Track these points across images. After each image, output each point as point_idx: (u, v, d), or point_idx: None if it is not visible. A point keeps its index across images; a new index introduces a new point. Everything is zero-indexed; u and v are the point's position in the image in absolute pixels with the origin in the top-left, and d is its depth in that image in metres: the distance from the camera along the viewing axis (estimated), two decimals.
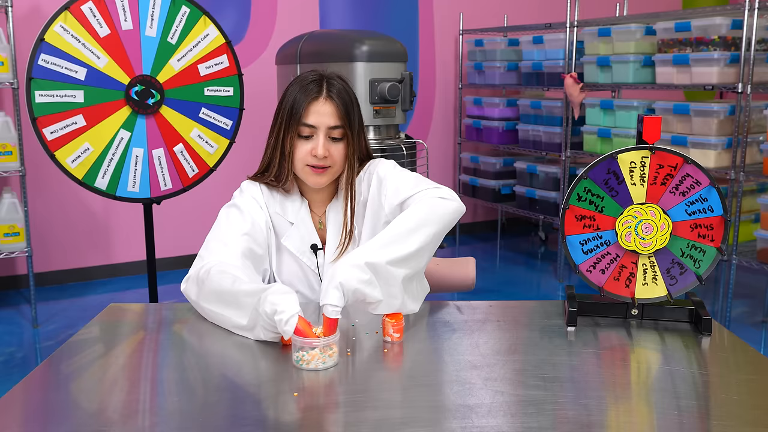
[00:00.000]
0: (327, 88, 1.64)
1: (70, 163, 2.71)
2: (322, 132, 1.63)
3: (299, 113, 1.63)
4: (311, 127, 1.63)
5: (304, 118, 1.63)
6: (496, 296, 4.18)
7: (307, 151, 1.64)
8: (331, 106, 1.63)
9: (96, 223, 4.47)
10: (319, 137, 1.63)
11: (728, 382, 1.26)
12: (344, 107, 1.64)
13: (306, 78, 1.67)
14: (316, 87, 1.64)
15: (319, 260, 1.73)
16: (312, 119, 1.63)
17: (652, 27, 4.08)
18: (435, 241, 1.53)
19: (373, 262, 1.40)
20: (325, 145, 1.63)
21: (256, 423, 1.11)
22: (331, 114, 1.63)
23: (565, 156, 4.55)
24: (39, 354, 3.38)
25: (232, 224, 1.67)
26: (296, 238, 1.72)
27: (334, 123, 1.63)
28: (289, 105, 1.64)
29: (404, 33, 5.19)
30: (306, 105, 1.63)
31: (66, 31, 2.65)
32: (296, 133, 1.64)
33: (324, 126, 1.63)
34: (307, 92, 1.64)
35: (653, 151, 1.46)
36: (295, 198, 1.74)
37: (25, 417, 1.15)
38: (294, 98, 1.64)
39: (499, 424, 1.09)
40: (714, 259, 1.51)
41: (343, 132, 1.65)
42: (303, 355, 1.27)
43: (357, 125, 1.69)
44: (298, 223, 1.72)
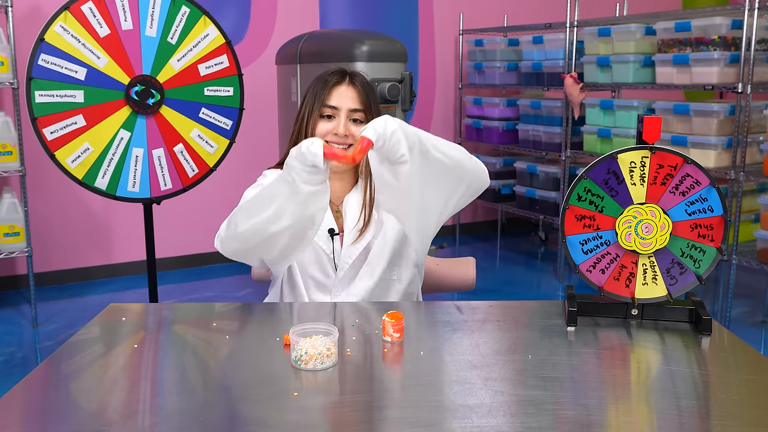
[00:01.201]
0: (351, 75, 1.75)
1: (70, 163, 2.72)
2: (343, 113, 1.71)
3: (323, 96, 1.72)
4: (333, 108, 1.71)
5: (327, 99, 1.72)
6: (496, 296, 4.18)
7: (328, 130, 1.71)
8: (354, 91, 1.73)
9: (96, 223, 4.47)
10: (341, 117, 1.71)
11: (728, 382, 1.26)
12: (366, 94, 1.73)
13: (330, 70, 1.77)
14: (340, 75, 1.74)
15: (335, 246, 1.74)
16: (334, 101, 1.71)
17: (652, 27, 4.08)
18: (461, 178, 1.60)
19: (421, 137, 1.49)
20: (347, 125, 1.71)
21: (256, 423, 1.11)
22: (353, 98, 1.72)
23: (565, 156, 4.55)
24: (39, 354, 3.38)
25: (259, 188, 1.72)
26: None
27: (355, 106, 1.72)
28: (312, 92, 1.74)
29: (404, 33, 5.19)
30: (331, 87, 1.72)
31: (66, 31, 2.65)
32: (319, 113, 1.72)
33: (346, 108, 1.71)
34: (331, 79, 1.73)
35: (653, 151, 1.46)
36: None
37: (25, 417, 1.15)
38: (318, 86, 1.74)
39: (499, 424, 1.09)
40: (714, 259, 1.51)
41: (364, 116, 1.72)
42: (302, 355, 1.27)
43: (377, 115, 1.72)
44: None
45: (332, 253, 1.74)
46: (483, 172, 1.67)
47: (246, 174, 4.84)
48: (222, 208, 4.71)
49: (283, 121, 4.00)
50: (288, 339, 1.37)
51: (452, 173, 1.59)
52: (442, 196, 1.61)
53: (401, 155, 1.45)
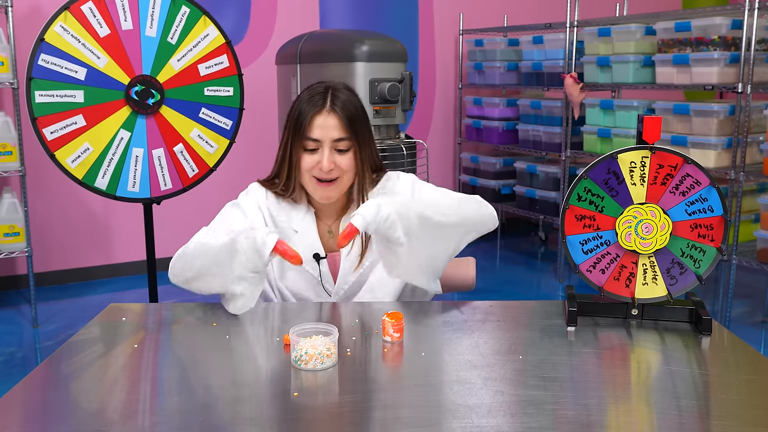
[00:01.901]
0: (331, 100, 1.64)
1: (70, 163, 2.72)
2: (327, 145, 1.64)
3: (303, 127, 1.64)
4: (316, 141, 1.64)
5: (308, 132, 1.63)
6: (496, 296, 4.18)
7: (313, 164, 1.65)
8: (335, 119, 1.63)
9: (96, 223, 4.47)
10: (325, 151, 1.63)
11: (728, 382, 1.26)
12: (348, 119, 1.64)
13: (312, 90, 1.68)
14: (320, 99, 1.64)
15: (322, 269, 1.72)
16: (316, 133, 1.63)
17: (652, 27, 4.08)
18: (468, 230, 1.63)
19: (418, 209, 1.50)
20: (330, 158, 1.63)
21: (256, 423, 1.11)
22: (335, 126, 1.63)
23: (565, 156, 4.55)
24: (39, 354, 3.38)
25: (228, 219, 1.70)
26: (300, 247, 1.69)
27: (338, 135, 1.64)
28: (294, 117, 1.66)
29: (404, 33, 5.19)
30: (310, 118, 1.63)
31: (66, 31, 2.65)
32: (302, 146, 1.65)
33: (329, 139, 1.63)
34: (312, 104, 1.64)
35: (653, 151, 1.46)
36: (302, 207, 1.74)
37: (25, 417, 1.15)
38: (299, 111, 1.66)
39: (499, 424, 1.09)
40: (714, 259, 1.51)
41: (349, 144, 1.65)
42: (302, 355, 1.27)
43: (365, 135, 1.69)
44: (302, 231, 1.72)
45: (320, 276, 1.72)
46: (490, 218, 1.69)
47: (246, 174, 4.84)
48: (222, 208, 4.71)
49: (283, 122, 4.00)
50: (288, 339, 1.37)
51: (459, 230, 1.61)
52: (450, 248, 1.62)
53: (397, 238, 1.48)
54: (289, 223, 1.73)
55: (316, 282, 1.72)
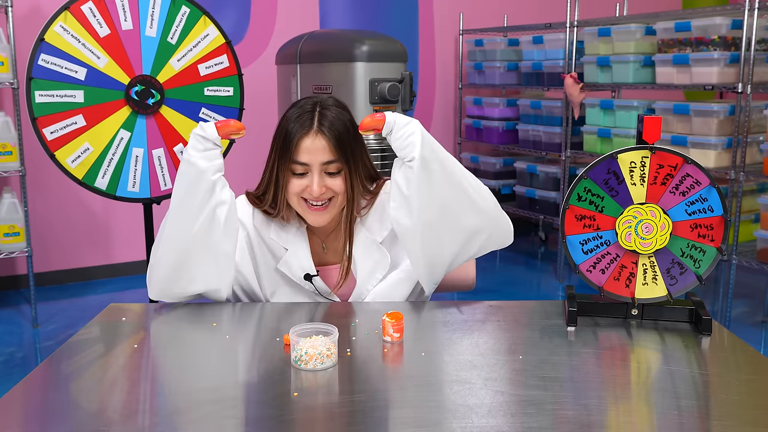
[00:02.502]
0: (319, 120, 1.56)
1: (70, 163, 2.72)
2: (316, 169, 1.56)
3: (291, 150, 1.56)
4: (304, 165, 1.57)
5: (295, 155, 1.56)
6: (496, 296, 4.18)
7: (302, 188, 1.58)
8: (323, 141, 1.55)
9: (96, 223, 4.47)
10: (314, 176, 1.57)
11: (728, 382, 1.26)
12: (337, 139, 1.56)
13: (301, 107, 1.60)
14: (308, 119, 1.57)
15: (317, 286, 1.68)
16: (304, 157, 1.56)
17: (652, 27, 4.09)
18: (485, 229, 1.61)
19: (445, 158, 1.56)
20: (321, 182, 1.57)
21: (256, 423, 1.11)
22: (323, 149, 1.55)
23: (565, 156, 4.55)
24: (39, 354, 3.38)
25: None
26: (292, 263, 1.66)
27: (327, 158, 1.56)
28: (281, 137, 1.58)
29: (404, 33, 5.19)
30: (297, 141, 1.55)
31: (66, 31, 2.65)
32: (290, 170, 1.58)
33: (317, 163, 1.56)
34: (299, 124, 1.56)
35: (653, 151, 1.46)
36: (292, 225, 1.68)
37: (25, 417, 1.15)
38: (286, 131, 1.58)
39: (499, 424, 1.09)
40: (714, 259, 1.51)
41: (339, 166, 1.58)
42: (302, 355, 1.27)
43: (355, 154, 1.61)
44: (293, 248, 1.67)
45: (317, 291, 1.68)
46: (507, 224, 1.65)
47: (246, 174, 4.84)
48: None
49: None
50: (288, 339, 1.37)
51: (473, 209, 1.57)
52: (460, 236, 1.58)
53: (411, 157, 1.49)
54: (279, 241, 1.67)
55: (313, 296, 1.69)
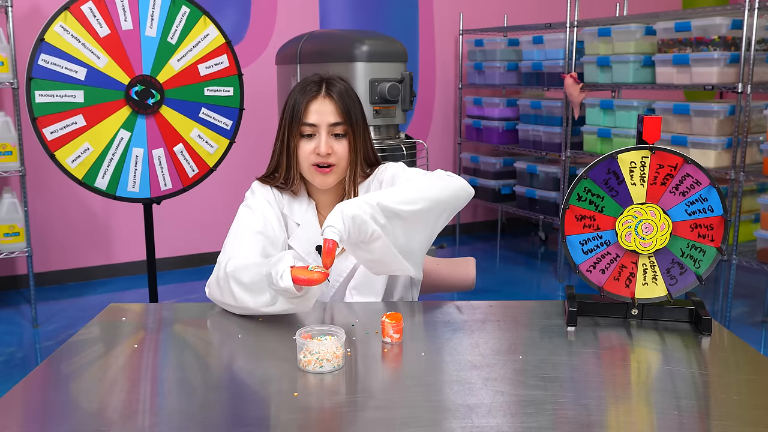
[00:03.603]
0: (327, 87, 1.67)
1: (70, 163, 2.72)
2: (323, 129, 1.65)
3: (300, 113, 1.65)
4: (312, 126, 1.65)
5: (305, 117, 1.65)
6: (496, 296, 4.18)
7: (310, 150, 1.66)
8: (331, 104, 1.65)
9: (96, 223, 4.47)
10: (321, 135, 1.65)
11: (728, 382, 1.26)
12: (344, 104, 1.66)
13: (306, 80, 1.69)
14: (315, 87, 1.67)
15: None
16: (312, 118, 1.65)
17: (652, 27, 4.08)
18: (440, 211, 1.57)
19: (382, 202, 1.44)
20: (328, 142, 1.65)
21: (256, 423, 1.11)
22: (331, 111, 1.65)
23: (565, 156, 4.55)
24: (39, 354, 3.38)
25: (246, 225, 1.68)
26: (302, 239, 1.72)
27: (334, 120, 1.65)
28: (290, 107, 1.67)
29: (404, 33, 5.19)
30: (306, 104, 1.65)
31: (66, 31, 2.65)
32: (299, 133, 1.66)
33: (325, 123, 1.65)
34: (307, 92, 1.66)
35: (653, 151, 1.46)
36: (303, 199, 1.75)
37: (25, 417, 1.15)
38: (295, 100, 1.67)
39: (499, 424, 1.09)
40: (714, 259, 1.51)
41: (345, 129, 1.66)
42: (309, 356, 1.27)
43: (360, 124, 1.69)
44: (304, 224, 1.73)
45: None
46: (463, 191, 1.61)
47: (246, 174, 4.84)
48: (222, 208, 4.72)
49: None
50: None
51: (432, 213, 1.55)
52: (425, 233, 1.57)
53: (372, 232, 1.43)
54: (292, 217, 1.74)
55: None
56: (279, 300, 1.43)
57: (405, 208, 1.48)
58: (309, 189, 1.77)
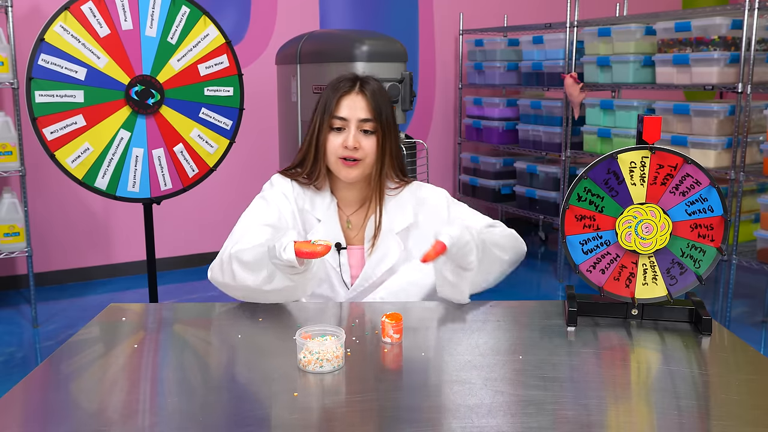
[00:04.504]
0: (360, 84, 1.70)
1: (70, 163, 2.72)
2: (353, 124, 1.68)
3: (331, 107, 1.68)
4: (343, 120, 1.68)
5: (336, 111, 1.68)
6: (496, 296, 4.16)
7: (339, 144, 1.68)
8: (363, 100, 1.69)
9: (96, 223, 4.47)
10: (351, 129, 1.68)
11: (728, 382, 1.26)
12: (375, 102, 1.69)
13: (341, 77, 1.73)
14: (349, 83, 1.70)
15: (341, 259, 1.74)
16: (343, 112, 1.68)
17: (652, 27, 4.08)
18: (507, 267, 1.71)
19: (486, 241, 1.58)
20: (356, 136, 1.68)
21: (256, 423, 1.11)
22: (362, 107, 1.68)
23: (565, 156, 4.55)
24: (39, 354, 3.38)
25: (258, 215, 1.70)
26: (322, 235, 1.74)
27: (365, 116, 1.68)
28: (323, 101, 1.71)
29: (404, 33, 5.19)
30: (338, 98, 1.69)
31: (66, 31, 2.65)
32: (329, 125, 1.69)
33: (355, 118, 1.68)
34: (340, 88, 1.70)
35: (653, 151, 1.46)
36: (326, 195, 1.76)
37: (25, 417, 1.15)
38: (328, 94, 1.70)
39: (499, 424, 1.09)
40: (714, 259, 1.51)
41: (375, 126, 1.69)
42: (309, 356, 1.27)
43: (390, 125, 1.72)
44: (325, 220, 1.75)
45: (339, 266, 1.74)
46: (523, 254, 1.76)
47: (246, 174, 4.85)
48: (222, 208, 4.72)
49: (283, 121, 4.00)
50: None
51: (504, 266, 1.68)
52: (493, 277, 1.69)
53: (470, 263, 1.52)
54: (313, 212, 1.75)
55: (334, 273, 1.73)
56: (277, 276, 1.48)
57: (498, 254, 1.62)
58: (332, 185, 1.78)
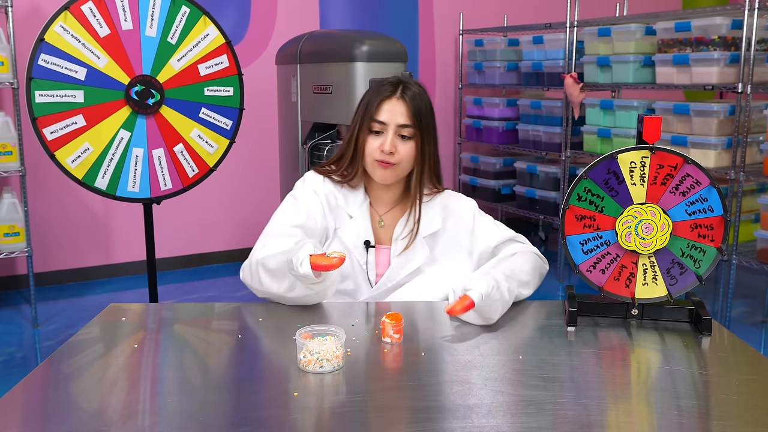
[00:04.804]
0: (402, 89, 1.72)
1: (70, 163, 2.72)
2: (391, 128, 1.69)
3: (372, 110, 1.70)
4: (382, 124, 1.70)
5: (376, 114, 1.70)
6: None
7: (376, 147, 1.70)
8: (403, 106, 1.70)
9: (96, 223, 4.47)
10: (389, 133, 1.69)
11: (728, 382, 1.26)
12: (416, 108, 1.70)
13: (384, 80, 1.75)
14: (391, 87, 1.72)
15: (369, 257, 1.75)
16: (383, 116, 1.70)
17: (652, 27, 4.08)
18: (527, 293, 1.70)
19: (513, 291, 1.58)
20: (393, 141, 1.69)
21: (256, 423, 1.11)
22: (402, 113, 1.70)
23: (565, 156, 4.55)
24: (39, 354, 3.38)
25: (287, 215, 1.73)
26: (352, 232, 1.75)
27: (404, 121, 1.70)
28: (365, 103, 1.73)
29: (404, 33, 5.19)
30: (380, 102, 1.70)
31: (66, 31, 2.65)
32: (368, 128, 1.71)
33: (394, 123, 1.69)
34: (382, 92, 1.71)
35: (653, 151, 1.46)
36: (359, 193, 1.78)
37: (25, 417, 1.15)
38: (370, 97, 1.73)
39: (499, 424, 1.09)
40: (714, 259, 1.51)
41: (413, 132, 1.70)
42: (309, 356, 1.27)
43: (430, 130, 1.74)
44: (357, 217, 1.76)
45: (365, 264, 1.75)
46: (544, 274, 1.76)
47: (246, 174, 4.85)
48: (222, 208, 4.72)
49: (283, 121, 4.00)
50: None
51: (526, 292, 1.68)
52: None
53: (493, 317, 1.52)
54: (347, 208, 1.77)
55: (360, 270, 1.74)
56: (297, 286, 1.52)
57: (524, 293, 1.64)
58: (367, 185, 1.80)
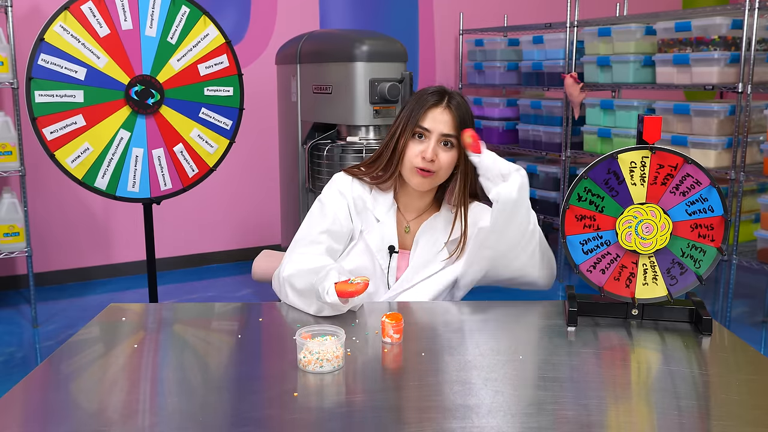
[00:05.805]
0: (449, 99, 1.73)
1: (70, 163, 2.72)
2: (434, 137, 1.70)
3: (417, 116, 1.71)
4: (426, 131, 1.70)
5: (421, 121, 1.71)
6: (496, 296, 4.16)
7: (417, 153, 1.70)
8: (449, 116, 1.71)
9: (96, 223, 4.47)
10: (431, 141, 1.70)
11: (728, 382, 1.26)
12: (460, 119, 1.72)
13: (427, 89, 1.76)
14: (437, 96, 1.73)
15: (392, 262, 1.75)
16: (428, 123, 1.70)
17: (652, 27, 4.08)
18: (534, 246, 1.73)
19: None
20: (435, 149, 1.70)
21: (256, 423, 1.11)
22: (446, 122, 1.71)
23: (565, 156, 4.55)
24: (39, 354, 3.38)
25: (314, 223, 1.74)
26: (378, 236, 1.76)
27: (447, 131, 1.70)
28: (409, 109, 1.73)
29: (404, 33, 5.19)
30: (426, 109, 1.71)
31: (66, 31, 2.65)
32: (411, 133, 1.71)
33: (437, 132, 1.70)
34: (431, 98, 1.72)
35: (653, 151, 1.46)
36: (387, 198, 1.79)
37: (25, 417, 1.15)
38: (415, 104, 1.73)
39: (499, 424, 1.09)
40: (714, 259, 1.51)
41: (455, 142, 1.72)
42: (309, 356, 1.27)
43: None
44: (384, 221, 1.77)
45: (387, 269, 1.76)
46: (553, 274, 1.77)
47: (246, 174, 4.84)
48: (222, 208, 4.72)
49: (283, 121, 4.00)
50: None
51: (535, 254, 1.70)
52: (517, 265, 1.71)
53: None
54: (374, 211, 1.78)
55: (381, 274, 1.75)
56: (326, 309, 1.54)
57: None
58: (398, 190, 1.80)
